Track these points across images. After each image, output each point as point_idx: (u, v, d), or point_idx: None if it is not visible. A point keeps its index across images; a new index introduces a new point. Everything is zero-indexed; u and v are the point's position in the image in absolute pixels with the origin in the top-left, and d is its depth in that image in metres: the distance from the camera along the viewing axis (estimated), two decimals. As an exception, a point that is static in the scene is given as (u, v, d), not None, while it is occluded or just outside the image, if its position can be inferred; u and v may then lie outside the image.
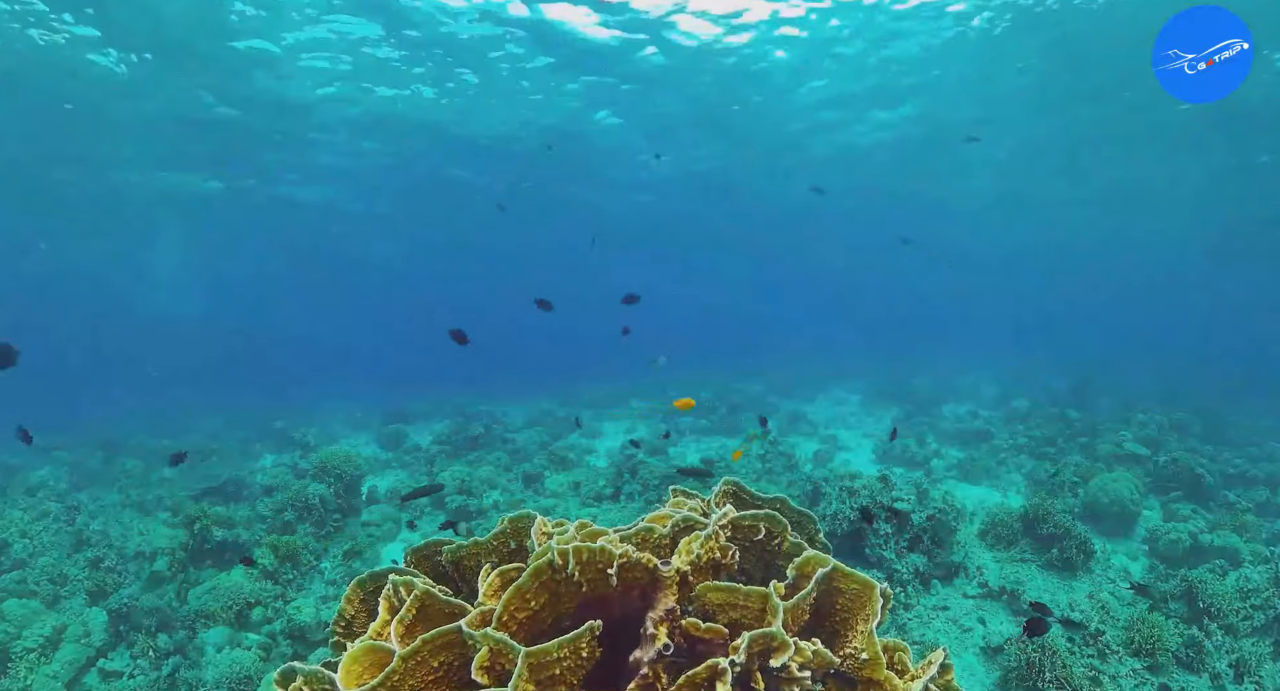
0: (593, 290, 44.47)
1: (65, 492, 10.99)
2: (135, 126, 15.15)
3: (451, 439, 12.96)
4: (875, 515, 6.28)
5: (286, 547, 7.30)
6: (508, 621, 1.91)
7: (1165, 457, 10.05)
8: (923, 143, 19.12)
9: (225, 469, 11.32)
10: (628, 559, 2.00)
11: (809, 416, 16.47)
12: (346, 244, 29.56)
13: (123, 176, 18.64)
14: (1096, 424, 12.78)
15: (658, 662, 1.94)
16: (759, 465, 10.84)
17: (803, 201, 25.72)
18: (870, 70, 14.55)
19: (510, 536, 2.51)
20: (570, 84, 14.91)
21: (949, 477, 10.91)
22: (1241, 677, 5.34)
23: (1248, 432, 13.09)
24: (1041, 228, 28.63)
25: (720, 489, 2.78)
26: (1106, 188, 22.35)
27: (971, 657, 5.58)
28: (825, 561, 2.12)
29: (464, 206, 24.45)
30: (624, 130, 17.80)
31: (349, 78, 13.59)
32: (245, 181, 20.16)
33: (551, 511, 8.37)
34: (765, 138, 18.73)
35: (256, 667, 5.60)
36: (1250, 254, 28.33)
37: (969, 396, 18.43)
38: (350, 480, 9.15)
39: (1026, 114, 16.47)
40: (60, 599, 7.00)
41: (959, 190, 23.49)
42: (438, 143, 17.99)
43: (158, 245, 26.68)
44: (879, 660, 1.99)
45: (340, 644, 2.38)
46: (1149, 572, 7.05)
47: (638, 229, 29.61)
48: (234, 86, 13.61)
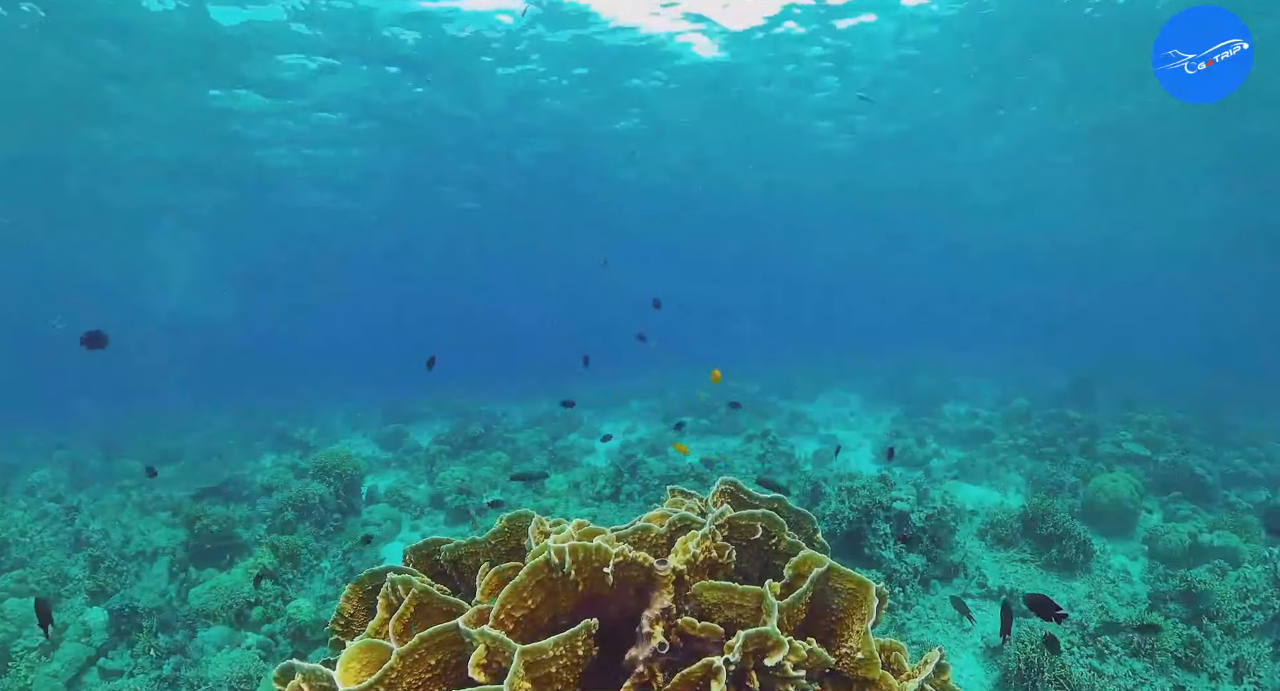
0: (593, 291, 44.48)
1: (65, 492, 11.00)
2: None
3: (451, 439, 12.97)
4: (912, 537, 6.27)
5: (287, 547, 7.31)
6: (504, 619, 1.91)
7: (1165, 458, 10.05)
8: (924, 143, 19.16)
9: (225, 469, 11.34)
10: (624, 558, 2.00)
11: (809, 416, 16.47)
12: (347, 243, 29.58)
13: (125, 174, 18.67)
14: (1096, 424, 12.78)
15: (654, 661, 1.95)
16: (758, 465, 10.85)
17: (803, 203, 25.77)
18: (872, 63, 14.59)
19: (508, 535, 2.51)
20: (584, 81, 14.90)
21: (949, 478, 10.91)
22: (1241, 678, 5.34)
23: (1248, 433, 13.08)
24: (1042, 227, 28.64)
25: (718, 488, 2.79)
26: (1108, 188, 22.36)
27: (970, 658, 5.58)
28: (821, 561, 2.12)
29: (466, 205, 24.49)
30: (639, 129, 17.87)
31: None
32: (243, 180, 20.18)
33: (551, 511, 8.38)
34: (768, 136, 18.80)
35: (256, 667, 5.60)
36: (1250, 254, 28.31)
37: (969, 396, 18.43)
38: (350, 480, 9.16)
39: (1032, 110, 16.51)
40: (60, 598, 7.01)
41: (960, 188, 23.51)
42: (438, 140, 18.01)
43: (158, 245, 26.70)
44: (875, 660, 1.99)
45: (339, 642, 2.39)
46: (1148, 573, 7.05)
47: (639, 229, 29.63)
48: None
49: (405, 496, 10.01)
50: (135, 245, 25.95)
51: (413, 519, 9.49)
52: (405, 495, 10.05)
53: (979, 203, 25.11)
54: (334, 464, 9.09)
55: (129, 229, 23.68)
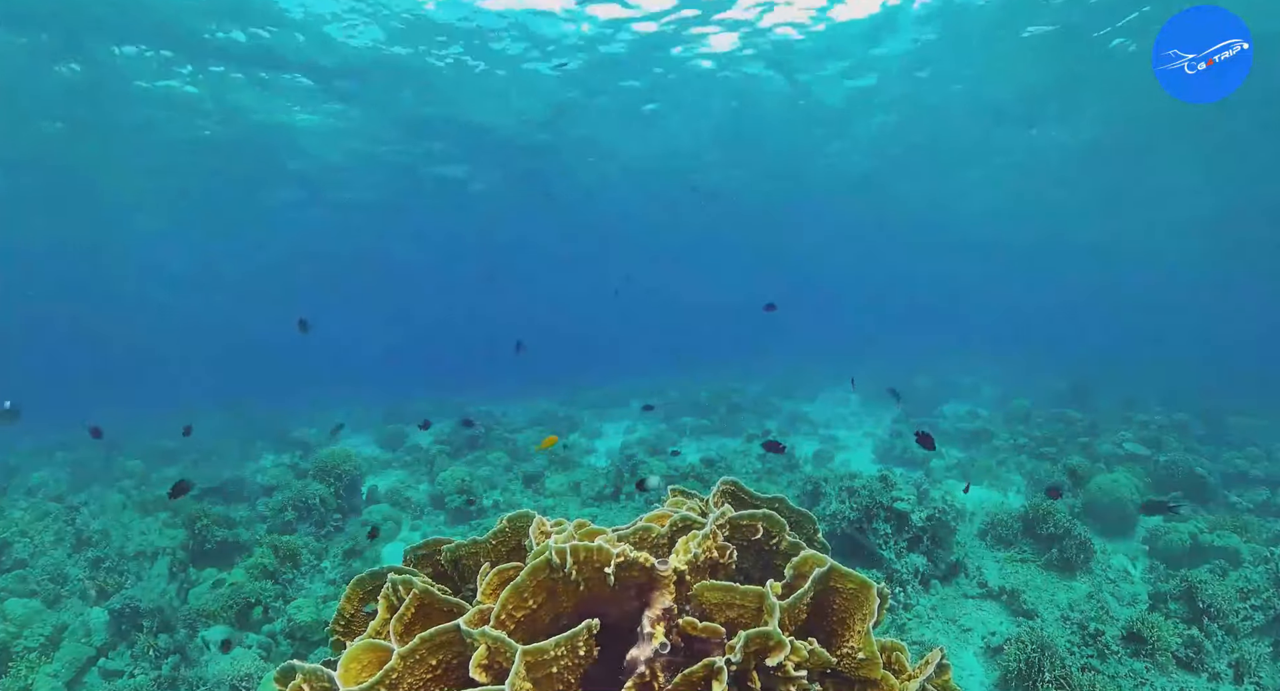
0: (592, 291, 44.48)
1: (65, 492, 11.00)
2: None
3: (452, 439, 12.97)
4: (925, 436, 6.54)
5: (287, 547, 7.31)
6: (505, 620, 1.91)
7: (1165, 458, 10.04)
8: (923, 142, 19.16)
9: (226, 469, 11.34)
10: (625, 558, 2.00)
11: (809, 416, 16.47)
12: (346, 242, 29.56)
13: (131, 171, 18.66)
14: (1097, 424, 12.77)
15: (655, 661, 1.95)
16: (758, 465, 10.85)
17: (805, 202, 25.78)
18: (872, 69, 14.61)
19: (509, 536, 2.51)
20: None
21: (949, 478, 10.91)
22: (1241, 678, 5.34)
23: (1248, 433, 13.07)
24: (1043, 227, 28.64)
25: (719, 488, 2.79)
26: (1110, 188, 22.36)
27: (970, 657, 5.58)
28: (822, 561, 2.12)
29: (464, 205, 24.47)
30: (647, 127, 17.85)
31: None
32: (243, 180, 20.18)
33: (551, 511, 8.38)
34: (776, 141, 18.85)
35: (257, 667, 5.60)
36: (1251, 253, 28.31)
37: (969, 396, 18.42)
38: (350, 480, 9.16)
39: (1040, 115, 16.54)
40: (61, 598, 7.01)
41: (962, 189, 23.53)
42: (440, 136, 18.00)
43: (158, 243, 26.69)
44: (876, 660, 1.99)
45: (340, 643, 2.39)
46: (1149, 573, 7.05)
47: (638, 230, 29.64)
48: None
49: (405, 496, 10.01)
50: (134, 244, 25.96)
51: (413, 519, 9.49)
52: (405, 495, 10.05)
53: (979, 203, 25.12)
54: (335, 463, 9.09)
55: (128, 228, 23.69)
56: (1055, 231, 29.32)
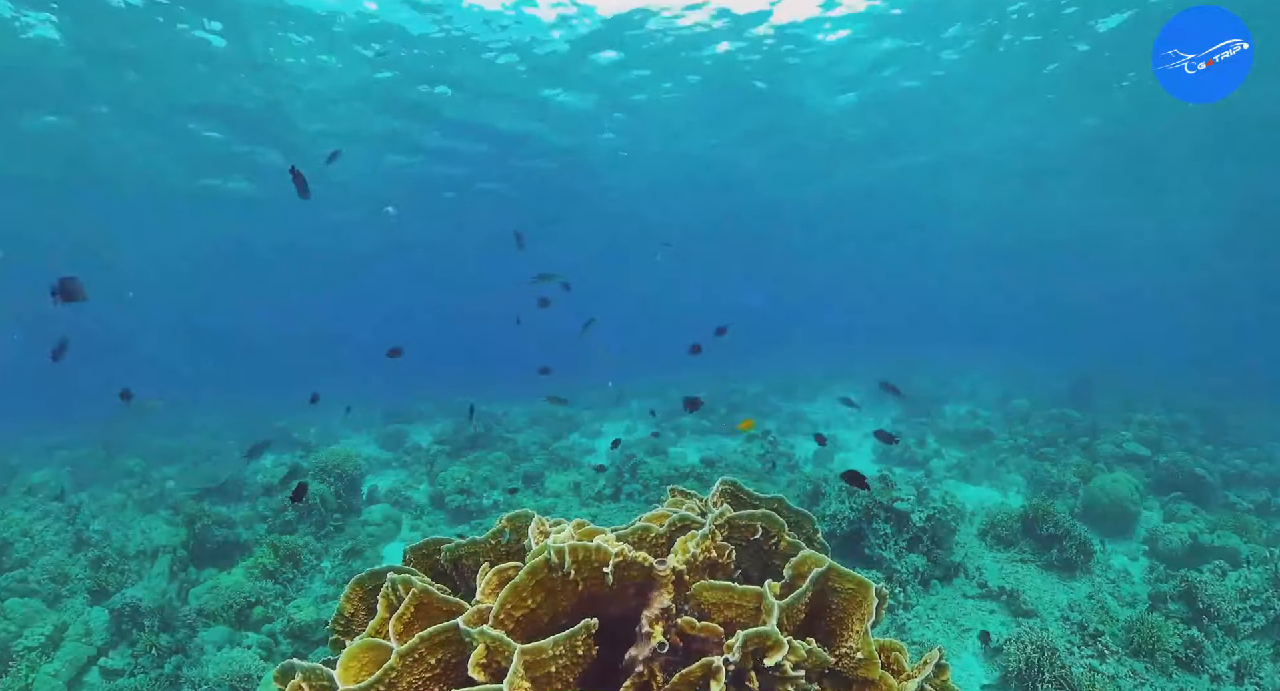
0: (595, 291, 44.43)
1: (66, 492, 11.00)
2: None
3: (452, 438, 12.97)
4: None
5: (287, 547, 7.32)
6: (504, 619, 1.91)
7: (1165, 458, 10.04)
8: (924, 142, 19.16)
9: (226, 468, 11.34)
10: (624, 557, 2.00)
11: (809, 416, 16.46)
12: (345, 241, 29.55)
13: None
14: (1097, 424, 12.77)
15: (653, 661, 1.95)
16: (758, 465, 10.84)
17: (806, 203, 25.75)
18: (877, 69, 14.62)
19: (508, 536, 2.51)
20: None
21: (949, 478, 10.91)
22: (1242, 679, 5.34)
23: (1248, 433, 13.06)
24: (1043, 227, 28.63)
25: (718, 488, 2.78)
26: (1112, 188, 22.35)
27: (970, 658, 5.58)
28: (821, 561, 2.12)
29: (466, 204, 24.47)
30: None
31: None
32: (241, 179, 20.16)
33: (551, 511, 8.38)
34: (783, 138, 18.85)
35: (257, 666, 5.61)
36: (1251, 253, 28.30)
37: (969, 396, 18.41)
38: (350, 480, 9.16)
39: (1038, 114, 16.52)
40: (61, 598, 7.01)
41: (962, 189, 23.52)
42: (439, 135, 18.01)
43: (158, 244, 26.70)
44: (874, 660, 1.99)
45: (339, 642, 2.39)
46: (1149, 573, 7.05)
47: (640, 229, 29.61)
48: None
49: (406, 496, 10.02)
50: (133, 243, 25.98)
51: (413, 519, 9.49)
52: (405, 495, 10.06)
53: (979, 204, 25.11)
54: (335, 463, 9.10)
55: (129, 225, 23.70)
56: (1055, 231, 29.30)
